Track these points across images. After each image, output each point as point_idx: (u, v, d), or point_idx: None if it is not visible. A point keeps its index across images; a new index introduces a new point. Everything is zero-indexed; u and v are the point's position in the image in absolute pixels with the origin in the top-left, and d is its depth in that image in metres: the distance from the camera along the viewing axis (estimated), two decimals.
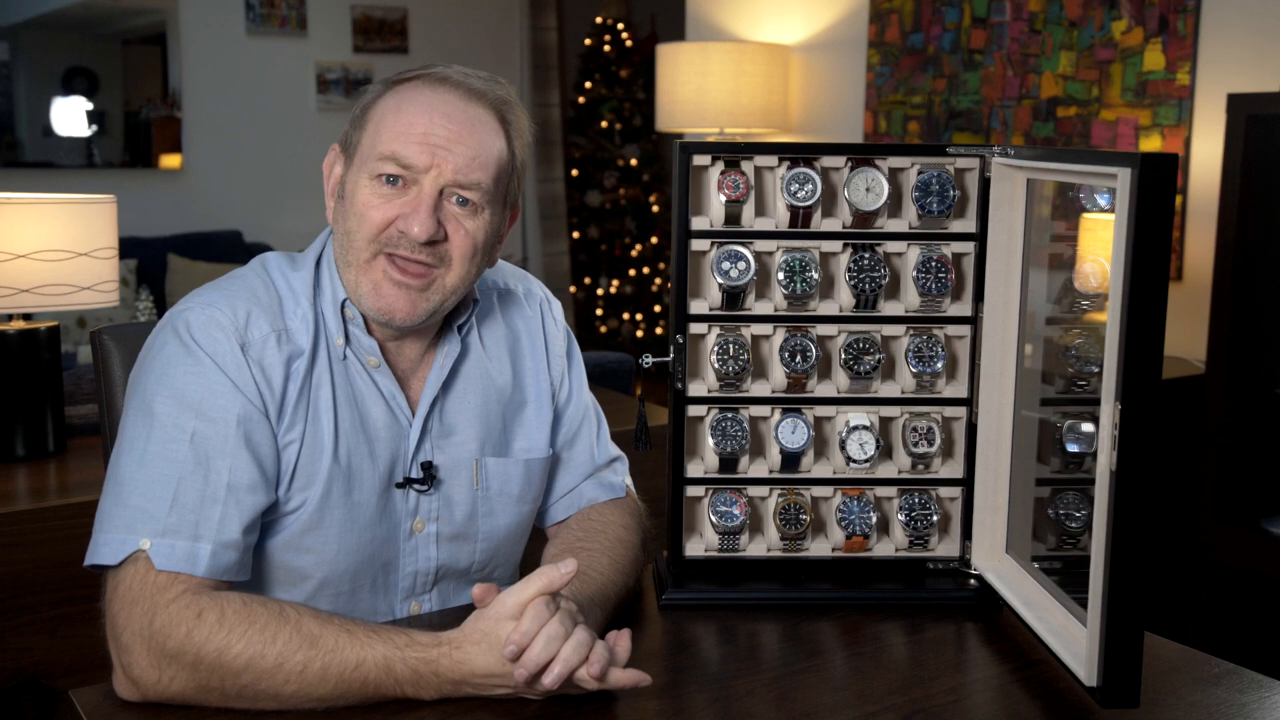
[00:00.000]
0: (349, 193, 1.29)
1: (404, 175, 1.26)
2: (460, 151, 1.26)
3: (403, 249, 1.26)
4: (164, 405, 1.22)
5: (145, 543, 1.16)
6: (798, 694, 1.16)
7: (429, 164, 1.25)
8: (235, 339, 1.25)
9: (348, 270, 1.30)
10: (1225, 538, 2.51)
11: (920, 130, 3.85)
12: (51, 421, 2.30)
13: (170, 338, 1.26)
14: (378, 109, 1.29)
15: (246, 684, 1.10)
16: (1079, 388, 1.33)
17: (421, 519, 1.35)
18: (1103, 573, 1.07)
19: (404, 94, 1.29)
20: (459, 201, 1.28)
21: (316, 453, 1.28)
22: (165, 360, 1.25)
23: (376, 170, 1.26)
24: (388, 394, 1.33)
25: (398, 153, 1.25)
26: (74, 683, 1.90)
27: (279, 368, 1.27)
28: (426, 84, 1.29)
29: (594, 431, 1.49)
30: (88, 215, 2.28)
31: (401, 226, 1.26)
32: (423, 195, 1.26)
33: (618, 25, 7.31)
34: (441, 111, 1.27)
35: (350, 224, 1.28)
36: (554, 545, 1.40)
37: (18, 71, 5.64)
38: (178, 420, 1.21)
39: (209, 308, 1.27)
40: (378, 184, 1.26)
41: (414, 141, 1.25)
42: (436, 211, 1.26)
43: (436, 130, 1.26)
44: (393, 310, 1.28)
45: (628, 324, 7.36)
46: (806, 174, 1.38)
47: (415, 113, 1.27)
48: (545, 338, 1.46)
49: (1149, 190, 1.02)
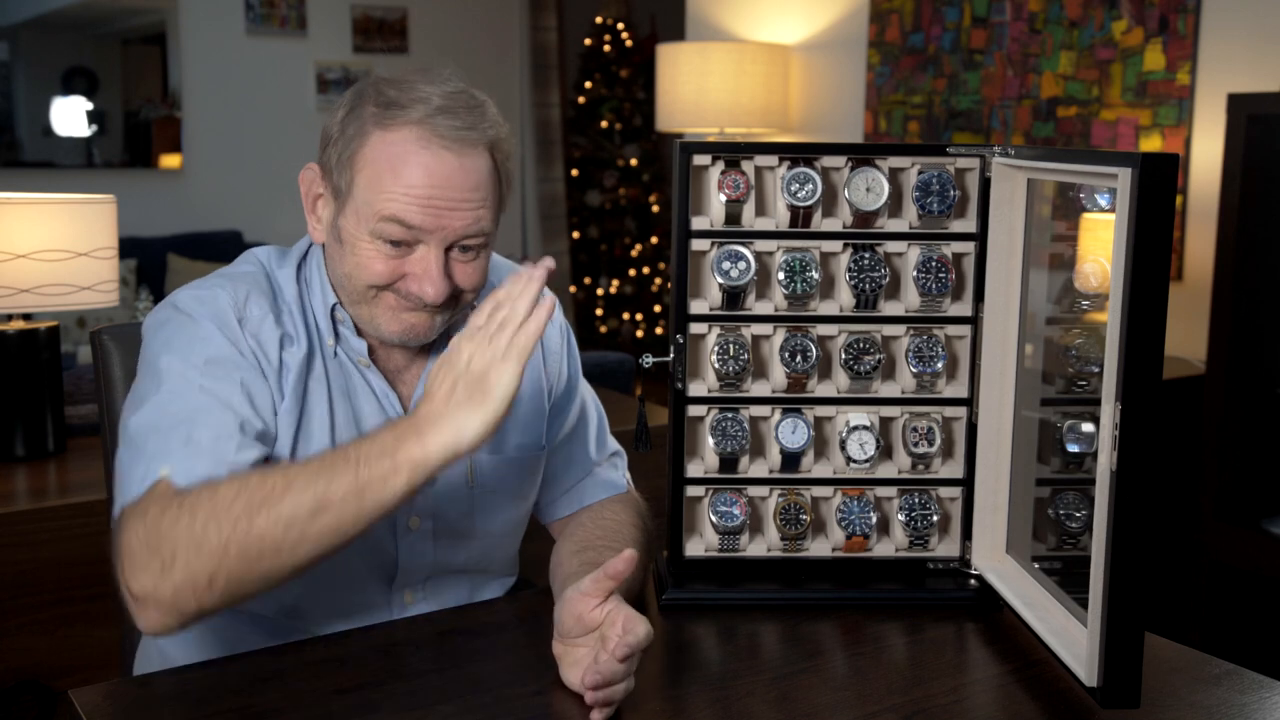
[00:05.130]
0: (345, 240, 1.27)
1: (407, 238, 1.24)
2: (465, 208, 1.24)
3: (411, 303, 1.27)
4: (170, 362, 1.24)
5: (165, 470, 1.16)
6: (798, 694, 1.16)
7: (435, 226, 1.23)
8: (234, 314, 1.27)
9: (354, 307, 1.30)
10: (1225, 538, 2.51)
11: (920, 130, 3.85)
12: (51, 421, 2.30)
13: (170, 313, 1.29)
14: (368, 155, 1.24)
15: (238, 515, 1.07)
16: (1079, 388, 1.33)
17: (417, 516, 1.35)
18: (1103, 573, 1.06)
19: (396, 146, 1.23)
20: (462, 249, 1.27)
21: (310, 445, 1.29)
22: (169, 332, 1.27)
23: (379, 232, 1.24)
24: (380, 392, 1.34)
25: (400, 216, 1.22)
26: (74, 683, 1.89)
27: (274, 346, 1.28)
28: (418, 140, 1.23)
29: (593, 426, 1.50)
30: (87, 215, 2.28)
31: (413, 289, 1.25)
32: (430, 258, 1.24)
33: (618, 25, 7.31)
34: (440, 173, 1.23)
35: (349, 269, 1.27)
36: (568, 544, 1.38)
37: (18, 71, 5.64)
38: (185, 374, 1.23)
39: (207, 289, 1.30)
40: (380, 243, 1.25)
41: (415, 205, 1.22)
42: (445, 269, 1.25)
43: (437, 193, 1.23)
44: (415, 332, 1.29)
45: (628, 324, 7.35)
46: (807, 174, 1.37)
47: (414, 176, 1.22)
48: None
49: (1149, 190, 1.02)
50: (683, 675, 1.22)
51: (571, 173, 7.34)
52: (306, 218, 1.34)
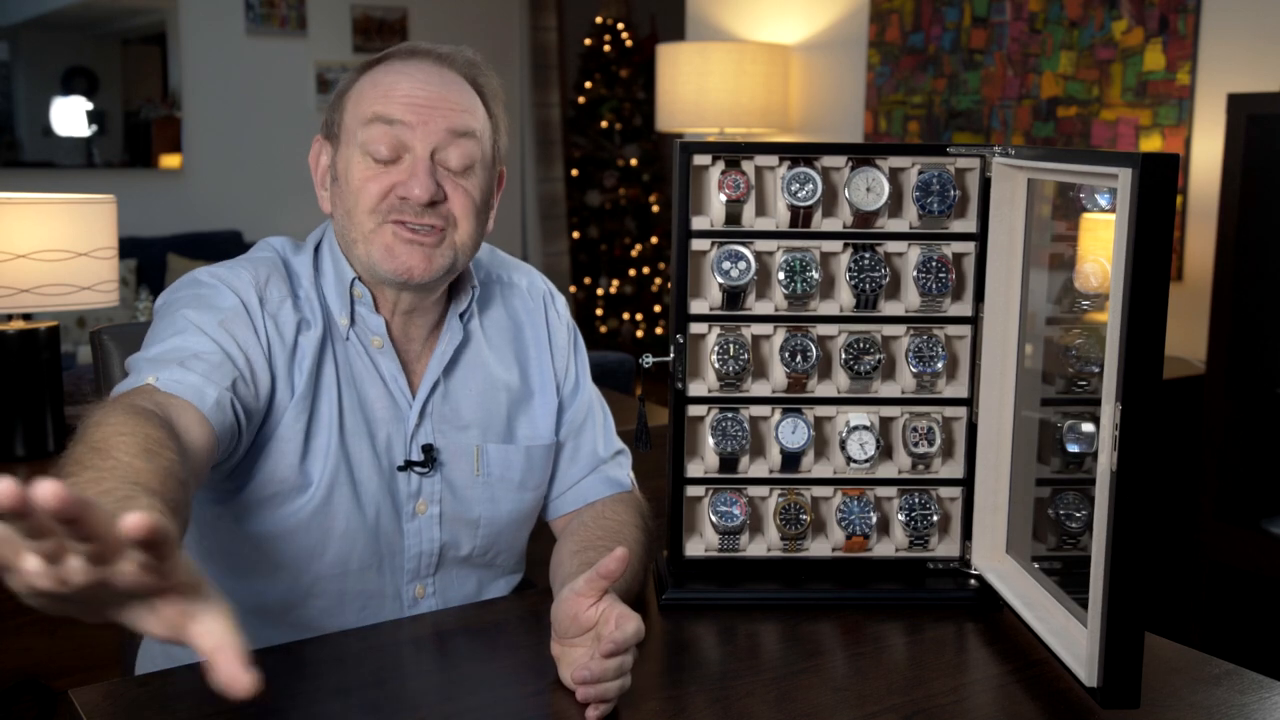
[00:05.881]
0: (341, 173, 1.32)
1: (393, 143, 1.27)
2: (445, 107, 1.29)
3: (408, 215, 1.29)
4: (185, 310, 1.27)
5: (152, 378, 1.18)
6: (798, 694, 1.16)
7: (416, 121, 1.28)
8: (255, 293, 1.30)
9: (355, 245, 1.32)
10: (1225, 538, 2.51)
11: (920, 130, 3.85)
12: (51, 421, 2.30)
13: (191, 282, 1.32)
14: (355, 88, 1.33)
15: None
16: (1079, 388, 1.33)
17: (424, 500, 1.37)
18: (1103, 573, 1.06)
19: (378, 69, 1.33)
20: (452, 170, 1.30)
21: (319, 430, 1.31)
22: (188, 295, 1.30)
23: (365, 137, 1.28)
24: (388, 376, 1.35)
25: (382, 113, 1.28)
26: (74, 683, 1.90)
27: (291, 329, 1.31)
28: (398, 58, 1.33)
29: (599, 424, 1.51)
30: (87, 215, 2.29)
31: (402, 192, 1.28)
32: (417, 159, 1.28)
33: (618, 25, 7.31)
34: (419, 76, 1.30)
35: (349, 202, 1.31)
36: (570, 542, 1.38)
37: (18, 71, 5.64)
38: (198, 320, 1.25)
39: (227, 268, 1.33)
40: (369, 160, 1.29)
41: (397, 102, 1.28)
42: (433, 174, 1.28)
43: (418, 91, 1.29)
44: (410, 268, 1.29)
45: (628, 324, 7.35)
46: (807, 174, 1.37)
47: (394, 80, 1.30)
48: (549, 330, 1.48)
49: (1150, 190, 1.02)
50: (683, 675, 1.22)
51: (571, 173, 7.34)
52: (317, 193, 1.38)
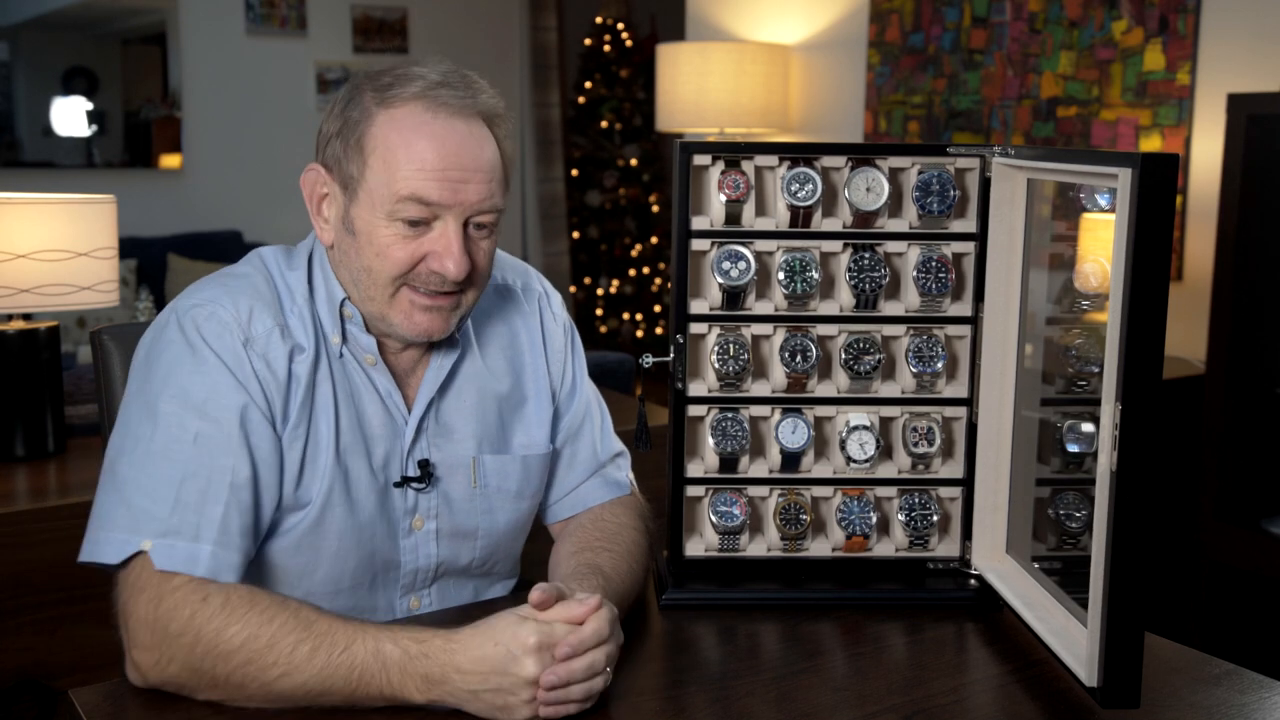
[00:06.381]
0: (361, 230, 1.27)
1: (425, 213, 1.24)
2: (478, 179, 1.25)
3: (432, 284, 1.27)
4: (168, 405, 1.22)
5: (147, 544, 1.16)
6: (798, 694, 1.16)
7: (453, 200, 1.24)
8: (239, 334, 1.25)
9: (370, 302, 1.29)
10: (1225, 538, 2.51)
11: (920, 130, 3.85)
12: (51, 421, 2.30)
13: (176, 335, 1.26)
14: (377, 136, 1.25)
15: (236, 666, 1.10)
16: (1079, 388, 1.33)
17: (420, 516, 1.35)
18: (1103, 573, 1.06)
19: (402, 121, 1.24)
20: (477, 227, 1.27)
21: (318, 451, 1.28)
22: (170, 360, 1.24)
23: (398, 213, 1.24)
24: (384, 392, 1.33)
25: (419, 193, 1.23)
26: (74, 683, 1.90)
27: (283, 361, 1.27)
28: (424, 110, 1.24)
29: (597, 426, 1.49)
30: (87, 215, 2.28)
31: (435, 266, 1.25)
32: (450, 233, 1.25)
33: (618, 25, 7.31)
34: (452, 142, 1.24)
35: (368, 261, 1.27)
36: (567, 545, 1.38)
37: (18, 71, 5.64)
38: (182, 420, 1.21)
39: (212, 304, 1.27)
40: (398, 225, 1.25)
41: (432, 179, 1.23)
42: (466, 249, 1.26)
43: (451, 164, 1.23)
44: (430, 332, 1.30)
45: (628, 324, 7.35)
46: (807, 174, 1.37)
47: (425, 148, 1.23)
48: (544, 334, 1.46)
49: (1150, 190, 1.02)
50: (683, 675, 1.22)
51: (571, 173, 7.34)
52: (313, 220, 1.33)
